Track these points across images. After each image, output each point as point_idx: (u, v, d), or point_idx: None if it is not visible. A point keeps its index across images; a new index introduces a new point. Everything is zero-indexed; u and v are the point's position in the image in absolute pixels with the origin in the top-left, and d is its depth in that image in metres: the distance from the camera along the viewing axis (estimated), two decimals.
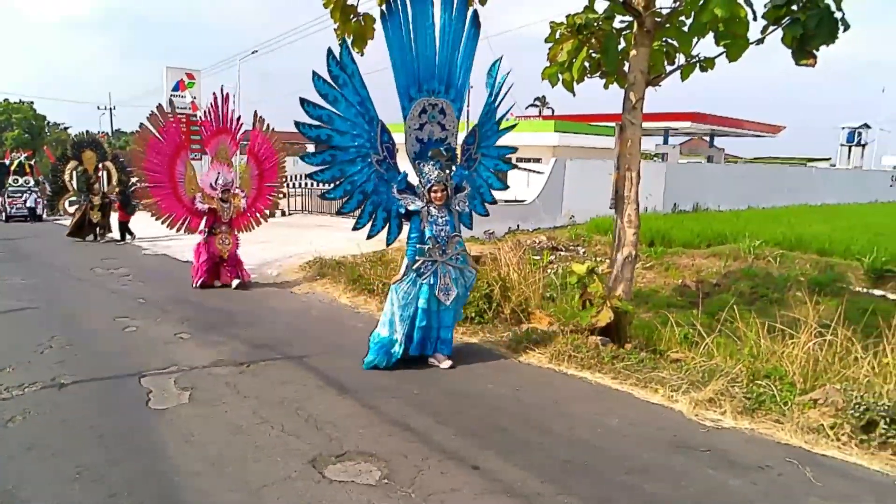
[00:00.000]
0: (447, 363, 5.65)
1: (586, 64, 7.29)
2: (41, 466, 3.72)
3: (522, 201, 17.52)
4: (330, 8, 7.35)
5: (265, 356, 5.91)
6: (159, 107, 9.48)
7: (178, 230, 9.74)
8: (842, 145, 41.98)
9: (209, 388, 5.04)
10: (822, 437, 4.12)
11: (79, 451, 3.90)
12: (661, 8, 6.85)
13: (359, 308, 8.07)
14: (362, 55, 8.41)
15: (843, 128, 41.72)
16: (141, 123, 9.42)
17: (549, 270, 10.01)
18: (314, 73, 5.22)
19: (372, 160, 5.56)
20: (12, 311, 7.79)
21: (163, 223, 9.56)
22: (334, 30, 7.89)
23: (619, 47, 7.42)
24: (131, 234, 15.75)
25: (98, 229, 16.12)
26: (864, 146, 41.27)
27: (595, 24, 7.12)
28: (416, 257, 5.56)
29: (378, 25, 8.22)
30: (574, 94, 7.64)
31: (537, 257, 11.27)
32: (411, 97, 5.61)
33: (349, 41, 7.14)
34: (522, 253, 10.92)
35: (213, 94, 9.86)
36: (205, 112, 9.85)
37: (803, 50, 6.52)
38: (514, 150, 6.71)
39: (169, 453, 3.90)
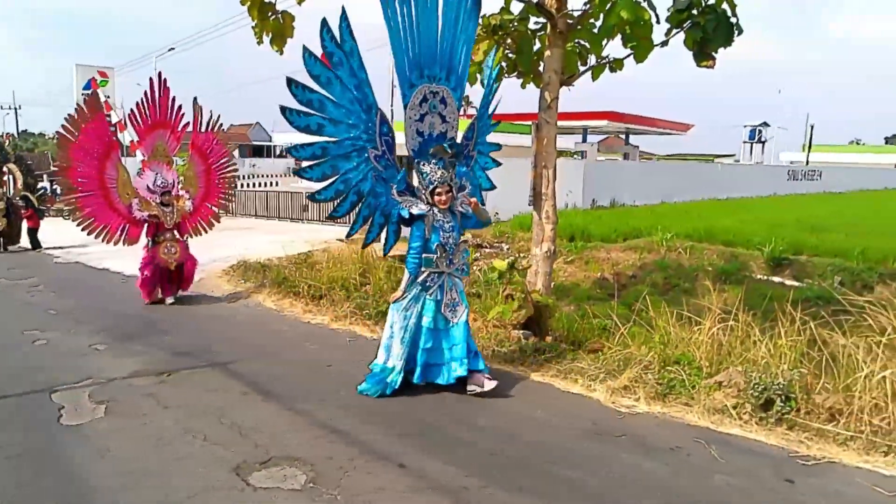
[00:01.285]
0: (491, 383, 4.88)
1: (503, 64, 7.49)
2: None
3: None
4: (247, 5, 7.21)
5: (187, 364, 5.74)
6: (79, 106, 8.19)
7: (115, 243, 8.40)
8: (744, 142, 44.74)
9: (127, 401, 4.86)
10: (726, 417, 4.42)
11: None
12: (573, 10, 7.11)
13: (284, 311, 7.95)
14: (281, 54, 8.30)
15: (746, 126, 44.44)
16: (58, 131, 8.16)
17: (473, 268, 10.17)
18: (305, 50, 4.47)
19: (369, 155, 4.86)
20: None
21: (97, 237, 8.25)
22: (252, 27, 7.74)
23: (535, 48, 7.66)
24: (39, 243, 14.69)
25: (2, 239, 14.55)
26: (763, 143, 44.06)
27: (510, 25, 7.32)
28: (422, 269, 4.91)
29: (297, 24, 8.18)
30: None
31: None
32: (412, 83, 4.88)
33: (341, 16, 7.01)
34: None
35: (150, 79, 8.50)
36: (139, 103, 8.42)
37: (703, 52, 6.94)
38: (499, 147, 6.33)
39: (83, 471, 3.74)
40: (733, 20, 6.85)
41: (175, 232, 8.50)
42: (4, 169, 15.83)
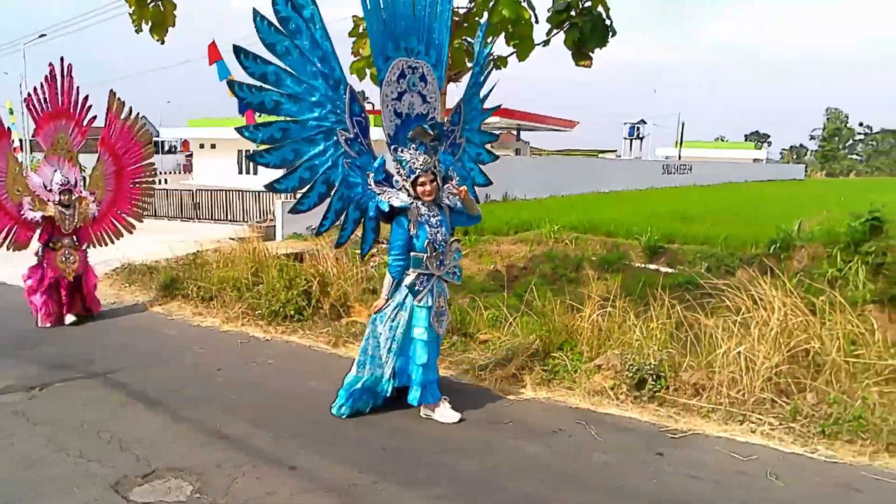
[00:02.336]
0: (450, 415, 4.41)
1: None
2: None
3: None
4: None
5: (62, 377, 5.37)
6: None
7: None
8: (625, 139, 47.51)
9: None
10: (604, 398, 4.72)
11: None
12: (459, 8, 7.27)
13: (172, 315, 7.61)
14: (162, 44, 7.90)
15: (626, 123, 47.19)
16: None
17: (371, 263, 10.15)
18: (256, 14, 3.87)
19: (339, 138, 4.25)
20: None
21: None
22: (130, 15, 7.33)
23: None
24: None
25: None
26: (641, 139, 46.98)
27: None
28: (409, 271, 4.32)
29: (179, 12, 7.81)
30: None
31: (359, 251, 11.37)
32: (387, 56, 4.31)
33: None
34: (344, 247, 10.97)
35: (51, 64, 7.46)
36: (37, 88, 7.37)
37: (581, 52, 7.32)
38: (495, 137, 5.80)
39: None
40: (608, 22, 7.27)
41: (74, 238, 7.40)
42: None
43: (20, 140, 28.60)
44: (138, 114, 8.11)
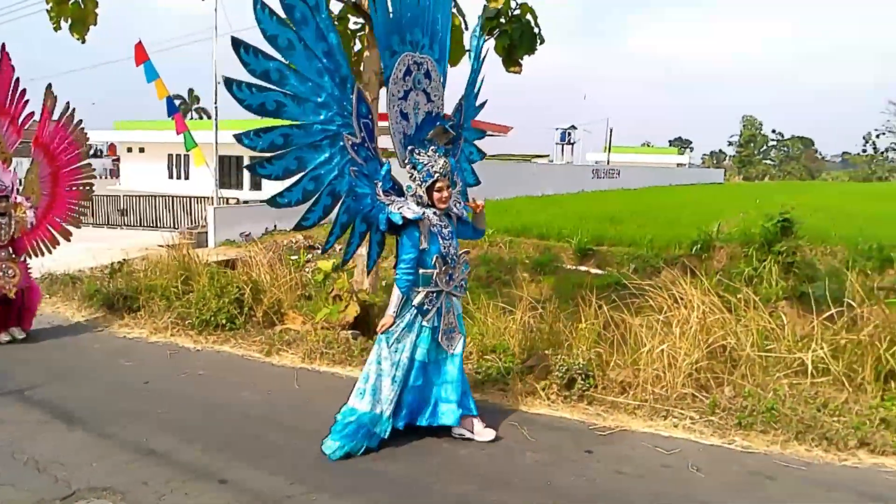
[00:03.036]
0: (489, 433, 4.15)
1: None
2: None
3: None
4: None
5: None
6: None
7: None
8: (556, 144, 48.64)
9: None
10: (536, 399, 4.83)
11: None
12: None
13: (96, 327, 7.30)
14: (83, 42, 7.57)
15: (557, 129, 48.32)
16: None
17: (306, 270, 10.03)
18: (257, 2, 3.51)
19: (345, 144, 3.88)
20: None
21: None
22: (48, 11, 7.00)
23: (356, 48, 7.74)
24: None
25: None
26: (572, 144, 48.22)
27: None
28: (418, 288, 3.98)
29: (101, 10, 7.50)
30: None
31: (294, 257, 11.21)
32: (393, 50, 3.98)
33: None
34: (278, 253, 10.78)
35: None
36: None
37: (511, 59, 7.47)
38: (483, 134, 5.40)
39: None
40: (536, 30, 7.45)
41: (10, 250, 6.75)
42: None
43: None
44: (73, 109, 7.44)
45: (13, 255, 6.74)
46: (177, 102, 15.12)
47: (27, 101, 7.03)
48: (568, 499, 3.48)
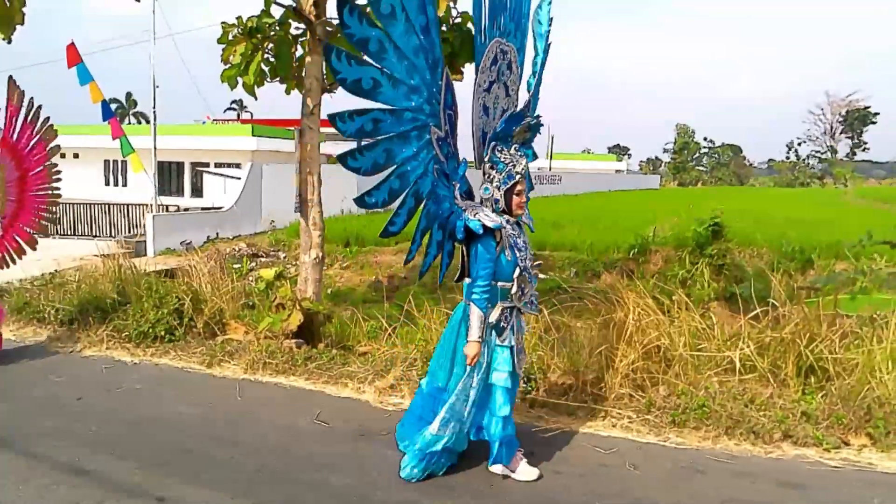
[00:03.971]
0: (532, 472, 3.77)
1: (264, 68, 7.40)
2: None
3: (220, 208, 16.88)
4: None
5: None
6: None
7: None
8: None
9: None
10: None
11: None
12: (332, 18, 7.26)
13: (26, 341, 6.99)
14: (9, 42, 7.26)
15: None
16: None
17: (249, 278, 9.88)
18: None
19: (431, 138, 3.45)
20: None
21: None
22: None
23: (298, 54, 7.68)
24: None
25: None
26: None
27: (269, 28, 7.26)
28: (496, 305, 3.59)
29: (28, 10, 7.20)
30: (255, 98, 7.69)
31: (237, 266, 11.02)
32: (486, 36, 3.61)
33: None
34: (220, 262, 10.56)
35: None
36: None
37: (452, 66, 7.55)
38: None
39: None
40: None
41: None
42: None
43: None
44: (40, 106, 6.75)
45: None
46: (113, 107, 14.64)
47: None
48: (508, 500, 3.55)
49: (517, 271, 3.58)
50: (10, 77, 6.62)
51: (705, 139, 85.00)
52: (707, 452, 4.15)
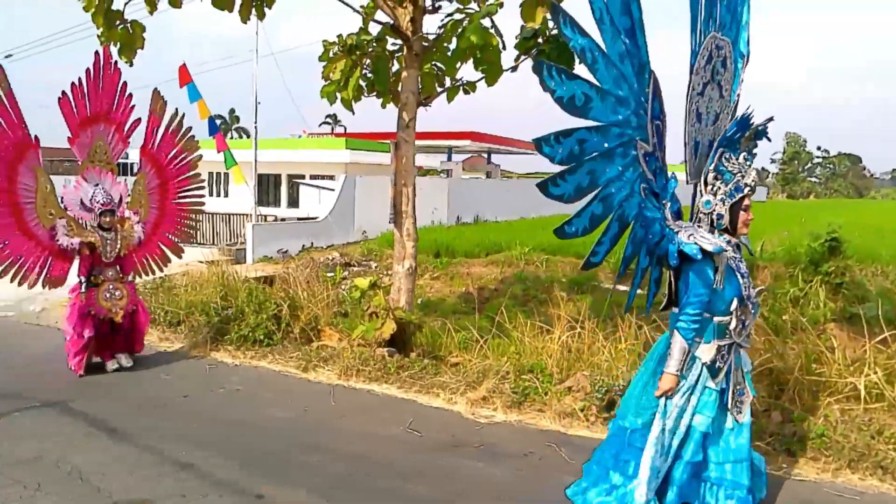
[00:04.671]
0: None
1: (362, 83, 7.60)
2: None
3: (315, 218, 17.44)
4: (91, 12, 6.76)
5: (16, 406, 5.19)
6: None
7: (32, 284, 5.92)
8: None
9: None
10: (575, 420, 4.73)
11: None
12: (428, 33, 7.37)
13: None
14: (131, 66, 7.84)
15: None
16: None
17: (342, 287, 10.11)
18: None
19: (637, 154, 3.04)
20: None
21: (1, 275, 5.78)
22: (98, 36, 7.27)
23: (394, 69, 7.84)
24: None
25: None
26: None
27: (367, 45, 7.44)
28: (711, 342, 3.19)
29: (148, 35, 7.76)
30: (353, 112, 7.91)
31: (330, 274, 11.32)
32: (701, 33, 3.21)
33: None
34: (315, 270, 10.90)
35: (96, 53, 6.21)
36: (74, 85, 6.07)
37: None
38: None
39: None
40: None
41: (118, 269, 6.27)
42: None
43: None
44: (183, 115, 6.98)
45: (121, 275, 6.28)
46: (217, 122, 15.48)
47: (133, 107, 6.60)
48: None
49: (734, 302, 3.14)
50: (155, 89, 6.82)
51: (819, 148, 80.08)
52: (827, 485, 3.80)
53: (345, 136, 31.04)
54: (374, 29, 7.63)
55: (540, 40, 7.50)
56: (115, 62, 6.43)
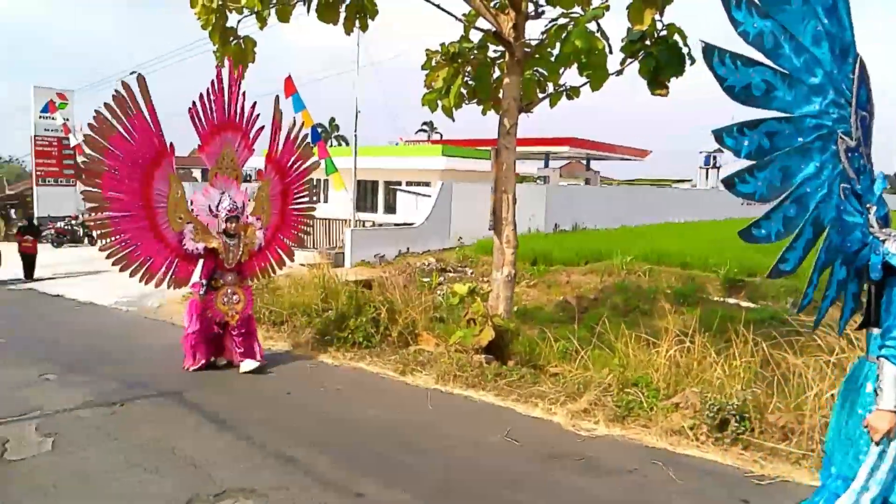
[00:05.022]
0: None
1: (463, 91, 7.62)
2: None
3: (412, 224, 17.71)
4: (209, 30, 7.19)
5: (139, 394, 5.56)
6: (120, 94, 5.63)
7: (158, 283, 6.16)
8: (700, 168, 45.95)
9: (75, 433, 4.66)
10: (683, 438, 4.46)
11: None
12: (530, 39, 7.28)
13: None
14: (242, 79, 8.27)
15: (701, 152, 45.71)
16: (98, 111, 5.56)
17: (437, 292, 10.17)
18: None
19: (838, 149, 2.73)
20: None
21: (132, 273, 5.99)
22: (213, 52, 7.73)
23: (495, 76, 7.81)
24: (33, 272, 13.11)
25: None
26: (718, 168, 45.36)
27: (469, 52, 7.46)
28: None
29: (258, 49, 8.18)
30: (454, 120, 7.95)
31: (426, 279, 11.42)
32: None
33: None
34: (411, 275, 11.05)
35: (217, 66, 6.48)
36: (203, 94, 6.19)
37: (657, 81, 7.15)
38: None
39: None
40: (685, 50, 7.09)
41: (237, 273, 6.41)
42: None
43: None
44: (302, 123, 7.35)
45: (239, 280, 6.40)
46: (318, 130, 16.09)
47: (258, 116, 6.70)
48: None
49: None
50: (277, 98, 6.94)
51: None
52: None
53: (441, 143, 31.42)
54: (475, 37, 7.65)
55: (647, 42, 7.24)
56: (240, 72, 6.60)
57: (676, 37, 7.04)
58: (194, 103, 6.16)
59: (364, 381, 6.02)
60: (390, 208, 25.23)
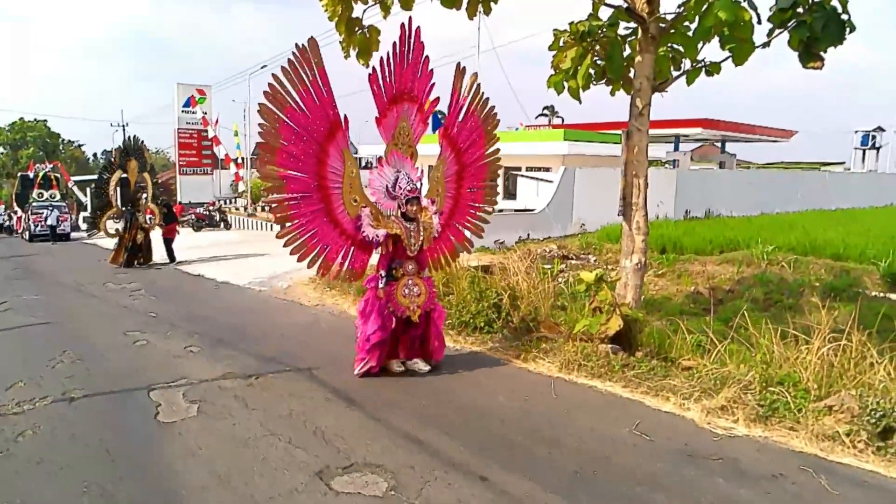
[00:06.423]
0: None
1: (591, 71, 7.32)
2: (49, 481, 3.72)
3: (532, 210, 17.49)
4: (335, 21, 7.41)
5: (274, 369, 5.90)
6: (302, 47, 4.98)
7: (335, 276, 5.55)
8: (856, 149, 41.44)
9: (217, 401, 5.04)
10: (837, 445, 4.04)
11: (86, 466, 3.90)
12: (665, 13, 6.85)
13: None
14: (367, 67, 8.48)
15: (857, 131, 41.22)
16: (274, 75, 4.94)
17: (559, 279, 9.95)
18: None
19: None
20: (24, 327, 7.86)
21: (310, 265, 5.41)
22: (340, 43, 7.98)
23: (625, 54, 7.43)
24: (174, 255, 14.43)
25: (139, 254, 13.94)
26: (878, 149, 40.76)
27: (599, 31, 7.14)
28: None
29: (383, 38, 8.35)
30: (580, 102, 7.66)
31: (548, 266, 11.21)
32: None
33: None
34: (532, 262, 10.87)
35: (402, 25, 5.55)
36: (383, 59, 5.46)
37: (810, 52, 6.48)
38: None
39: (176, 468, 3.88)
40: (844, 17, 6.38)
41: (415, 263, 5.70)
42: (142, 177, 14.78)
43: (242, 159, 32.06)
44: (484, 94, 6.26)
45: (419, 270, 5.72)
46: (439, 116, 16.23)
47: (433, 85, 5.92)
48: None
49: None
50: (458, 64, 6.06)
51: None
52: None
53: (562, 127, 30.71)
54: (605, 14, 7.31)
55: (800, 10, 6.58)
56: (419, 32, 5.64)
57: (835, 1, 6.34)
58: (374, 69, 5.46)
59: (486, 367, 5.98)
60: (510, 194, 25.06)
